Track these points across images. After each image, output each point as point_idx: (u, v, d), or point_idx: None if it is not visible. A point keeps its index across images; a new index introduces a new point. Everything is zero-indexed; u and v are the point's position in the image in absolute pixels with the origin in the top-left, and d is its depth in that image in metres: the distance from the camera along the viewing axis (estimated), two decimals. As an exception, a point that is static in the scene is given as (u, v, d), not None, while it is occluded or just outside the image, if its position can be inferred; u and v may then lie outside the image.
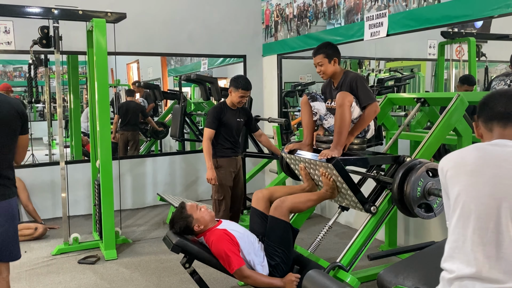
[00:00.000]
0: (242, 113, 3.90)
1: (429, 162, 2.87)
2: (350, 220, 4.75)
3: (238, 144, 3.96)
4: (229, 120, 3.81)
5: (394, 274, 2.15)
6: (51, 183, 5.18)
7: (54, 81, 6.05)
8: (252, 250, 2.79)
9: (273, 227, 2.86)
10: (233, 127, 3.84)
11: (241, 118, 3.88)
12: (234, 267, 2.64)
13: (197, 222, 2.80)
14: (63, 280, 3.53)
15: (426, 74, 5.99)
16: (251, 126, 4.03)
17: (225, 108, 3.82)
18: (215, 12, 5.87)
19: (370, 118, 3.00)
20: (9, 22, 4.82)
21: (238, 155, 3.95)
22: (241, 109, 3.90)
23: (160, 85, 7.97)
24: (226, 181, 3.82)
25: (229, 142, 3.86)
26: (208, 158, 3.71)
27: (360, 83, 2.97)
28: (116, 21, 4.03)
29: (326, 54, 3.03)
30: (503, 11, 3.14)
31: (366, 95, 2.95)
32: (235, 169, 3.90)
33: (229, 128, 3.82)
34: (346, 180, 2.89)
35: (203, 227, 2.81)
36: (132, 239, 4.44)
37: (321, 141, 3.19)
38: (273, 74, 6.02)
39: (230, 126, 3.82)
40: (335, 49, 3.08)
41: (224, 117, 3.78)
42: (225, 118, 3.79)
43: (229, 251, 2.66)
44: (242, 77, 3.87)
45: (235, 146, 3.91)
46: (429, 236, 3.71)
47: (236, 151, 3.93)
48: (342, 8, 4.74)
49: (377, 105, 2.99)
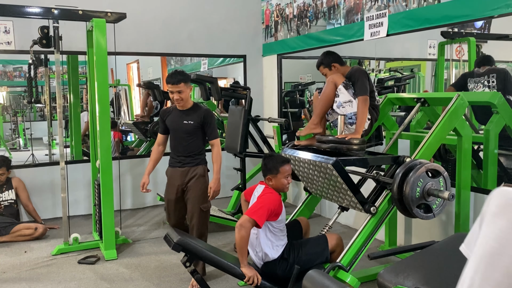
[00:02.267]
0: (195, 115, 3.36)
1: (429, 162, 2.87)
2: (350, 220, 4.75)
3: (188, 151, 3.40)
4: (171, 122, 3.40)
5: (394, 274, 2.15)
6: (51, 183, 5.18)
7: (54, 81, 6.05)
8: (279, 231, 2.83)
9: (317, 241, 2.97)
10: (176, 130, 3.40)
11: (190, 120, 3.34)
12: (253, 216, 2.63)
13: (276, 179, 2.84)
14: (63, 280, 3.53)
15: (426, 74, 5.98)
16: (206, 131, 3.41)
17: (173, 109, 3.45)
18: (215, 12, 5.87)
19: (362, 109, 3.12)
20: (9, 22, 4.82)
21: (185, 165, 3.39)
22: (196, 110, 3.38)
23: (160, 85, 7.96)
24: (166, 194, 3.51)
25: (174, 150, 3.45)
26: (149, 164, 3.55)
27: (358, 76, 3.17)
28: (116, 21, 4.03)
29: (325, 65, 3.33)
30: (503, 11, 3.14)
31: (359, 88, 3.15)
32: (181, 182, 3.39)
33: (172, 132, 3.43)
34: (345, 181, 2.89)
35: (274, 186, 2.85)
36: (132, 239, 4.44)
37: (322, 141, 3.20)
38: (273, 74, 6.01)
39: (173, 129, 3.42)
40: (332, 56, 3.33)
41: (166, 119, 3.43)
42: (167, 120, 3.43)
43: (267, 207, 2.68)
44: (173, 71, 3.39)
45: (180, 153, 3.41)
46: (429, 236, 3.71)
47: (181, 160, 3.40)
48: (342, 8, 4.74)
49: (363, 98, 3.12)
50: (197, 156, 3.40)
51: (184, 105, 3.36)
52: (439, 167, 2.88)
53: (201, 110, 3.38)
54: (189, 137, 3.36)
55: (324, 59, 3.34)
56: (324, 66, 3.34)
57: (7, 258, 4.02)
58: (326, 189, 3.17)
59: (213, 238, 4.42)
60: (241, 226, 2.63)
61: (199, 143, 3.41)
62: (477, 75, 4.07)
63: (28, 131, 7.77)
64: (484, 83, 3.94)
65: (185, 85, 3.24)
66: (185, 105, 3.36)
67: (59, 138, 4.02)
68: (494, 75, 3.94)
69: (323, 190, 3.22)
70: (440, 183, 2.85)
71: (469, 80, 4.16)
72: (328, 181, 3.05)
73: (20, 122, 8.62)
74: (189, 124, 3.33)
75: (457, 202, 3.24)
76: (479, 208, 3.41)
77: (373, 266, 3.54)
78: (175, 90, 3.23)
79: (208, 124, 3.36)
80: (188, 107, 3.38)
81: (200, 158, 3.42)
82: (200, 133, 3.38)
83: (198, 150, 3.41)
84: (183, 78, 3.22)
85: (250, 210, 2.69)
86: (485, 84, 3.93)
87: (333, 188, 3.07)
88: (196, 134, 3.37)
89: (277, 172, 2.82)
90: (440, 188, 2.84)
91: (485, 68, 4.04)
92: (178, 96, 3.25)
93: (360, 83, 3.13)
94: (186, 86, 3.26)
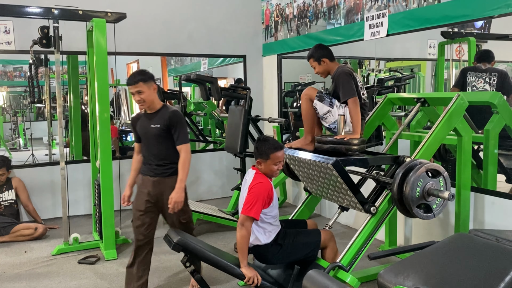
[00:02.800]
0: (160, 117, 3.02)
1: (429, 162, 2.87)
2: (350, 220, 4.75)
3: (159, 159, 3.05)
4: (140, 127, 3.13)
5: (394, 274, 2.15)
6: (51, 183, 5.18)
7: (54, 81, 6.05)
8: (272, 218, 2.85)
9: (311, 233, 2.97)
10: (145, 136, 3.09)
11: (157, 124, 3.01)
12: (250, 213, 2.67)
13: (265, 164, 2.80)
14: (63, 280, 3.53)
15: (426, 74, 5.99)
16: (173, 135, 3.02)
17: (143, 114, 3.14)
18: (215, 12, 5.87)
19: (354, 109, 3.13)
20: (9, 22, 4.82)
21: (158, 175, 3.04)
22: (162, 112, 3.05)
23: (160, 85, 7.97)
24: (134, 204, 3.14)
25: (144, 157, 3.15)
26: (130, 175, 3.23)
27: (339, 82, 3.18)
28: (116, 21, 4.03)
29: (315, 58, 3.29)
30: (503, 11, 3.14)
31: (346, 92, 3.15)
32: (152, 194, 3.05)
33: (142, 138, 3.14)
34: (345, 181, 2.89)
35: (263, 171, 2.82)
36: (132, 239, 4.44)
37: (322, 141, 3.20)
38: (273, 74, 6.01)
39: (142, 135, 3.12)
40: (323, 50, 3.30)
41: (137, 125, 3.16)
42: (137, 126, 3.16)
43: (261, 200, 2.70)
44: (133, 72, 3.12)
45: (151, 161, 3.07)
46: (429, 236, 3.71)
47: (151, 169, 3.06)
48: (342, 8, 4.74)
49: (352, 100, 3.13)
50: (170, 165, 3.03)
51: (150, 107, 3.05)
52: (439, 167, 2.88)
53: (167, 111, 3.04)
54: (158, 143, 3.04)
55: (315, 52, 3.30)
56: (314, 59, 3.30)
57: (7, 258, 4.03)
58: (326, 189, 3.17)
59: (213, 238, 4.43)
60: (241, 225, 2.67)
61: (170, 150, 3.04)
62: (479, 70, 4.08)
63: (28, 131, 7.78)
64: (486, 80, 3.96)
65: (144, 84, 2.96)
66: (151, 107, 3.05)
67: (59, 138, 4.03)
68: (496, 74, 3.96)
69: (323, 190, 3.22)
70: (440, 183, 2.85)
71: (469, 73, 4.16)
72: (328, 181, 3.05)
73: (20, 122, 8.62)
74: (156, 128, 3.01)
75: (457, 202, 3.24)
76: (479, 208, 3.42)
77: (373, 266, 3.54)
78: (134, 91, 2.96)
79: (174, 127, 3.00)
80: (155, 110, 3.06)
81: (173, 167, 3.03)
82: (169, 137, 3.02)
83: (170, 157, 3.03)
84: (142, 77, 2.97)
85: (245, 207, 2.71)
86: (486, 80, 3.96)
87: (333, 188, 3.07)
88: (165, 139, 3.02)
89: (267, 158, 2.77)
90: (440, 188, 2.84)
91: (486, 65, 4.05)
92: (139, 97, 2.97)
93: (345, 87, 3.14)
94: (147, 86, 2.97)
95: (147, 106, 3.03)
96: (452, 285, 1.99)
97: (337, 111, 3.17)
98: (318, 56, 3.28)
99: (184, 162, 3.01)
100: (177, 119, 3.02)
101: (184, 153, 3.01)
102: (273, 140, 2.85)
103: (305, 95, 3.26)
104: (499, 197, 3.32)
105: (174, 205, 2.95)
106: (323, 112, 3.19)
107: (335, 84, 3.22)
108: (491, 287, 1.88)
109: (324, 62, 3.27)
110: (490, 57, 4.15)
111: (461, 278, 2.01)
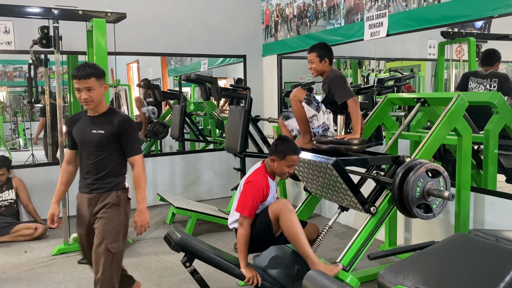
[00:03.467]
0: (107, 122, 2.53)
1: (429, 162, 2.87)
2: (350, 220, 4.75)
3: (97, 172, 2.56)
4: (78, 131, 2.60)
5: (394, 274, 2.15)
6: (51, 183, 5.17)
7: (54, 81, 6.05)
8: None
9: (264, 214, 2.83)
10: (83, 143, 2.58)
11: (101, 130, 2.52)
12: (245, 213, 2.72)
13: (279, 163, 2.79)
14: (63, 280, 3.53)
15: (426, 74, 5.99)
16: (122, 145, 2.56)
17: (82, 115, 2.65)
18: (215, 12, 5.88)
19: (354, 109, 3.14)
20: (9, 22, 4.82)
21: (94, 191, 2.57)
22: (110, 116, 2.56)
23: (160, 85, 7.97)
24: (76, 226, 2.71)
25: (81, 169, 2.66)
26: (57, 189, 2.74)
27: (335, 84, 3.18)
28: (116, 21, 4.03)
29: (318, 54, 3.28)
30: (503, 11, 3.15)
31: (344, 93, 3.15)
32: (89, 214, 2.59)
33: (79, 145, 2.62)
34: (345, 181, 2.89)
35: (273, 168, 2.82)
36: (132, 239, 4.44)
37: (322, 141, 3.20)
38: (273, 74, 6.02)
39: (80, 141, 2.60)
40: (328, 51, 3.31)
41: (73, 128, 2.63)
42: (74, 129, 2.63)
43: (255, 199, 2.73)
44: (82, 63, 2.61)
45: (88, 175, 2.58)
46: (429, 236, 3.71)
47: (89, 184, 2.58)
48: (342, 8, 4.74)
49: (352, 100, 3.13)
50: (109, 179, 2.57)
51: (95, 109, 2.55)
52: (439, 167, 2.88)
53: (117, 116, 2.55)
54: (98, 153, 2.53)
55: (321, 48, 3.29)
56: (317, 55, 3.28)
57: (7, 258, 4.03)
58: (326, 189, 3.17)
59: (213, 238, 4.43)
60: (240, 224, 2.72)
61: (113, 161, 2.57)
62: (480, 76, 4.09)
63: (28, 131, 7.78)
64: (486, 86, 3.98)
65: (97, 81, 2.49)
66: (96, 109, 2.56)
67: (59, 138, 4.02)
68: (496, 80, 3.97)
69: (323, 190, 3.22)
70: (440, 183, 2.85)
71: (471, 78, 4.17)
72: (328, 181, 3.05)
73: (20, 122, 8.62)
74: (99, 135, 2.51)
75: (457, 202, 3.24)
76: (479, 208, 3.42)
77: (373, 266, 3.54)
78: (82, 87, 2.46)
79: (125, 136, 2.53)
80: (100, 112, 2.57)
81: (113, 181, 2.56)
82: (114, 147, 2.54)
83: (112, 171, 2.58)
84: (94, 71, 2.48)
85: (238, 205, 2.77)
86: (487, 87, 3.98)
87: (333, 188, 3.07)
88: (108, 148, 2.54)
89: (283, 158, 2.77)
90: (440, 188, 2.84)
91: (488, 70, 4.06)
92: (87, 95, 2.47)
93: (342, 89, 3.15)
94: (99, 83, 2.51)
95: (93, 106, 2.54)
96: (452, 285, 1.99)
97: (322, 117, 3.19)
98: (322, 54, 3.28)
99: (139, 178, 2.56)
100: (129, 125, 2.56)
101: (138, 167, 2.56)
102: (293, 142, 2.84)
103: (294, 97, 3.26)
104: (499, 197, 3.32)
105: (140, 229, 2.63)
106: (309, 116, 3.22)
107: (329, 87, 3.22)
108: (491, 287, 1.89)
109: (325, 62, 3.29)
110: (492, 60, 4.13)
111: (461, 278, 2.01)
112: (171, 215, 4.90)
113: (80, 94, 2.49)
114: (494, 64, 4.09)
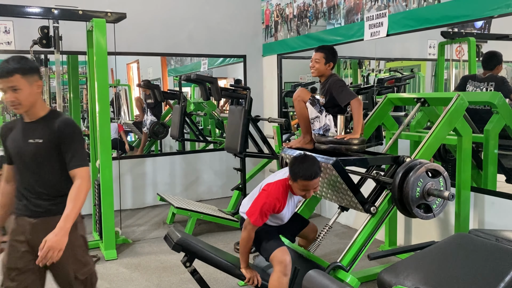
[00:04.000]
0: (45, 129, 2.06)
1: (429, 162, 2.87)
2: (350, 220, 4.75)
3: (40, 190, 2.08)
4: (12, 142, 2.13)
5: (394, 274, 2.15)
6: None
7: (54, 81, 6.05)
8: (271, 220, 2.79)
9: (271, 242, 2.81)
10: (19, 155, 2.09)
11: (38, 138, 2.04)
12: (253, 221, 2.62)
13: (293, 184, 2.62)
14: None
15: (426, 74, 5.99)
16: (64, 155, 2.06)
17: (20, 122, 2.14)
18: (215, 12, 5.88)
19: (357, 109, 3.12)
20: (9, 22, 4.82)
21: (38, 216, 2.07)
22: (48, 121, 2.08)
23: (160, 85, 7.97)
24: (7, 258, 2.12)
25: (18, 187, 2.15)
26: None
27: (337, 87, 3.17)
28: (116, 21, 4.03)
29: (325, 55, 3.26)
30: (503, 11, 3.15)
31: (347, 95, 3.14)
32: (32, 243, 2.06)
33: (14, 158, 2.13)
34: (345, 181, 2.89)
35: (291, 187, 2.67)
36: (132, 239, 4.44)
37: (322, 141, 3.20)
38: (273, 74, 6.02)
39: (15, 154, 2.12)
40: (335, 56, 3.32)
41: (7, 139, 2.15)
42: (8, 139, 2.15)
43: (264, 211, 2.63)
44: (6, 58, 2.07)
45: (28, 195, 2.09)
46: (429, 236, 3.71)
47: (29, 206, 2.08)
48: (342, 8, 4.74)
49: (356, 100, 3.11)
50: (58, 198, 2.09)
51: (30, 114, 2.07)
52: (439, 167, 2.88)
53: (57, 120, 2.07)
54: (38, 166, 2.06)
55: (329, 51, 3.28)
56: (324, 56, 3.26)
57: (7, 258, 4.02)
58: (326, 189, 3.17)
59: (213, 238, 4.43)
60: (244, 227, 2.68)
61: (57, 176, 2.10)
62: (478, 80, 4.09)
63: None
64: (483, 90, 3.99)
65: (23, 78, 1.98)
66: (32, 114, 2.07)
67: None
68: (493, 84, 3.97)
69: (323, 190, 3.22)
70: (440, 183, 2.85)
71: (469, 81, 4.17)
72: (328, 181, 3.05)
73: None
74: (36, 145, 2.04)
75: (457, 202, 3.24)
76: (479, 208, 3.42)
77: (373, 266, 3.54)
78: (6, 87, 1.97)
79: (66, 142, 2.05)
80: (38, 117, 2.09)
81: (63, 201, 2.04)
82: (57, 158, 2.07)
83: (57, 187, 2.10)
84: (18, 67, 1.98)
85: (250, 209, 2.69)
86: (483, 91, 3.98)
87: (333, 188, 3.07)
88: (49, 160, 2.07)
89: (294, 181, 2.62)
90: (440, 188, 2.84)
91: (487, 74, 4.05)
92: (13, 97, 1.98)
93: (344, 92, 3.16)
94: (27, 81, 2.00)
95: (24, 111, 2.05)
96: (452, 285, 2.00)
97: (323, 119, 3.20)
98: (329, 57, 3.26)
99: (78, 192, 2.02)
100: (71, 131, 2.07)
101: (81, 179, 2.04)
102: (310, 165, 2.57)
103: (298, 97, 3.27)
104: (499, 197, 3.32)
105: (47, 253, 1.89)
106: (312, 117, 3.23)
107: (330, 90, 3.21)
108: (491, 287, 1.89)
109: (329, 66, 3.29)
110: (491, 63, 4.10)
111: (461, 278, 2.01)
112: (171, 215, 4.91)
113: (4, 96, 1.99)
114: (493, 68, 4.06)
